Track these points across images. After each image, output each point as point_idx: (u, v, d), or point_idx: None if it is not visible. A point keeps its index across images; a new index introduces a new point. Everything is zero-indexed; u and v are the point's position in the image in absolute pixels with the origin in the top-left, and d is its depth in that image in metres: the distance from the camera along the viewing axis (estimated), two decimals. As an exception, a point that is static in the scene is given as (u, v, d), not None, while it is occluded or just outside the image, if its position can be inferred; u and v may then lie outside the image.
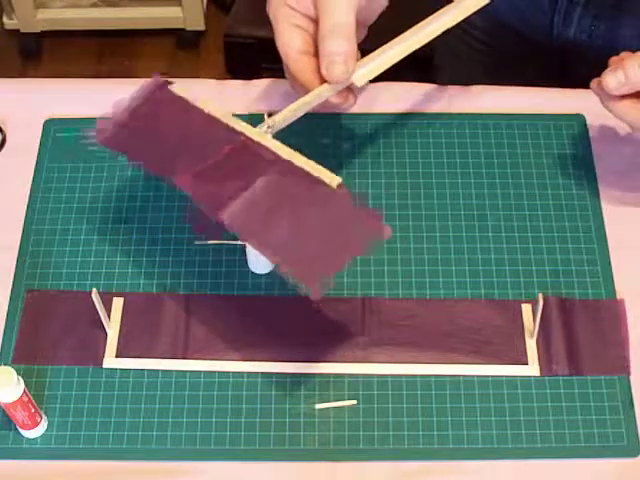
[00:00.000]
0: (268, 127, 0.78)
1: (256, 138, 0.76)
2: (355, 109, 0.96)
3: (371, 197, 0.91)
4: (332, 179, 0.72)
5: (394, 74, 0.94)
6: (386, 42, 0.82)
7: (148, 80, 0.81)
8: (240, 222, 0.72)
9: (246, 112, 0.97)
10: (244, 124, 0.77)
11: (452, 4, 0.85)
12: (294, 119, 0.80)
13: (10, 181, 0.93)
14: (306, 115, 0.96)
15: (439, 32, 0.83)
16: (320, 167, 0.73)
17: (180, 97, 0.80)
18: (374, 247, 0.70)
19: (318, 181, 0.72)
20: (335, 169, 0.92)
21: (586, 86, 0.85)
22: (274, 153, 0.74)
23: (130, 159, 0.83)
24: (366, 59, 0.81)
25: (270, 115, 0.79)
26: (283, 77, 1.00)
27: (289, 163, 0.74)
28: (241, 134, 0.76)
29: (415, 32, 0.83)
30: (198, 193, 0.74)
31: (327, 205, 0.72)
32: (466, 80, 1.00)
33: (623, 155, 0.94)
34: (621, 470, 0.78)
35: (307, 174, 0.73)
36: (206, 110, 0.78)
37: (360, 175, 0.92)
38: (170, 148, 0.78)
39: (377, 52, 0.82)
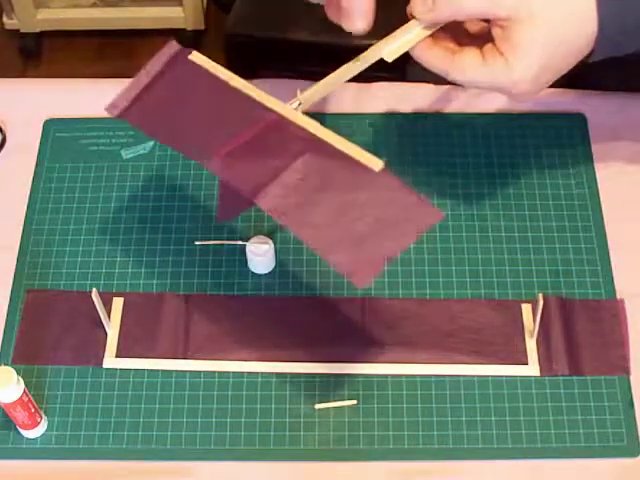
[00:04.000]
0: (299, 103, 0.74)
1: (288, 115, 0.71)
2: (355, 109, 0.96)
3: (371, 197, 0.91)
4: (374, 162, 0.68)
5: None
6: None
7: (163, 49, 0.77)
8: (279, 205, 0.68)
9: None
10: (273, 99, 0.72)
11: None
12: (325, 94, 0.76)
13: (10, 181, 0.93)
14: (305, 115, 0.96)
15: None
16: (359, 149, 0.68)
17: (200, 67, 0.75)
18: (425, 233, 0.67)
19: (359, 164, 0.68)
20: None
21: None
22: (309, 132, 0.70)
23: (147, 134, 0.80)
24: (397, 33, 0.76)
25: (302, 91, 0.75)
26: (283, 77, 1.01)
27: (326, 144, 0.69)
28: (272, 111, 0.71)
29: None
30: (231, 176, 0.70)
31: (372, 189, 0.68)
32: None
33: (623, 155, 0.94)
34: (621, 470, 0.78)
35: (347, 156, 0.68)
36: (231, 83, 0.73)
37: (360, 175, 0.92)
38: (193, 124, 0.74)
39: (406, 27, 0.76)
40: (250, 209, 0.90)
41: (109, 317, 0.84)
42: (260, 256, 0.85)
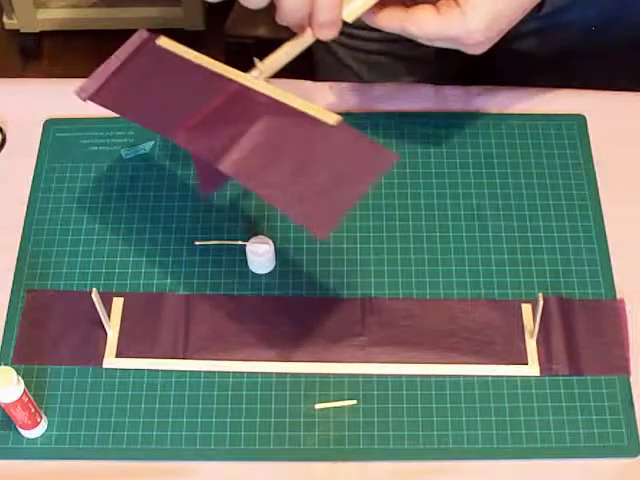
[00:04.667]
0: (260, 72, 0.76)
1: (249, 84, 0.74)
2: (354, 109, 0.96)
3: (371, 197, 0.91)
4: (331, 117, 0.70)
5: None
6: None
7: (134, 36, 0.80)
8: (241, 169, 0.70)
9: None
10: (235, 71, 0.75)
11: None
12: (286, 62, 0.78)
13: (10, 181, 0.93)
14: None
15: None
16: (317, 106, 0.71)
17: (167, 50, 0.78)
18: (382, 177, 0.68)
19: (316, 120, 0.70)
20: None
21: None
22: (268, 97, 0.73)
23: (117, 113, 0.82)
24: None
25: (261, 60, 0.77)
26: (283, 77, 1.00)
27: (284, 105, 0.72)
28: (233, 82, 0.75)
29: None
30: (195, 146, 0.73)
31: (329, 143, 0.70)
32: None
33: (623, 155, 0.94)
34: (621, 470, 0.78)
35: (304, 114, 0.71)
36: (196, 61, 0.77)
37: (360, 175, 0.92)
38: (160, 101, 0.77)
39: None
40: (250, 209, 0.90)
41: (109, 317, 0.84)
42: (260, 256, 0.85)
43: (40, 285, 0.87)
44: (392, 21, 0.78)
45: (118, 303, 0.85)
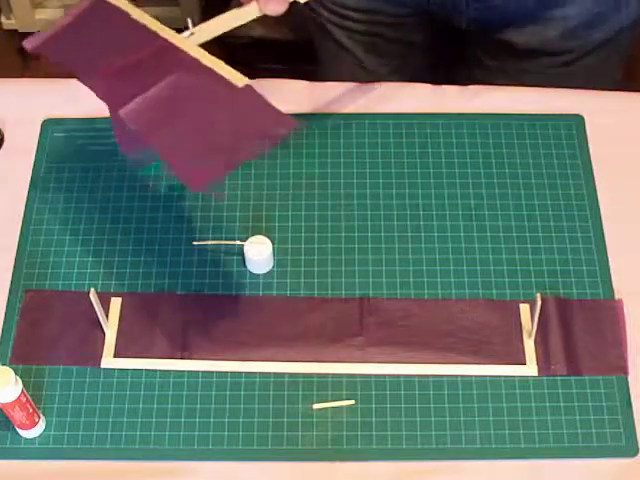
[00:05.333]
0: (191, 34, 0.77)
1: (175, 42, 0.75)
2: (353, 109, 0.96)
3: (369, 197, 0.91)
4: (240, 79, 0.71)
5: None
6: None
7: None
8: (138, 118, 0.72)
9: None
10: (169, 30, 0.77)
11: None
12: (223, 31, 0.79)
13: (8, 181, 0.93)
14: (301, 116, 0.96)
15: None
16: (230, 68, 0.72)
17: (114, 5, 0.79)
18: (279, 142, 0.70)
19: (224, 80, 0.72)
20: (333, 169, 0.93)
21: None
22: (189, 56, 0.74)
23: (53, 61, 0.82)
24: None
25: (195, 24, 0.78)
26: (283, 77, 1.01)
27: (199, 63, 0.73)
28: (162, 39, 0.76)
29: None
30: (105, 92, 0.74)
31: (231, 103, 0.71)
32: None
33: (621, 155, 0.94)
34: (619, 470, 0.78)
35: (216, 74, 0.72)
36: (135, 16, 0.78)
37: (358, 175, 0.92)
38: (93, 52, 0.78)
39: None
40: (248, 209, 0.90)
41: (107, 317, 0.84)
42: (258, 256, 0.85)
43: (38, 285, 0.87)
44: None
45: (116, 303, 0.85)
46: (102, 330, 0.83)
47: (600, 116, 0.96)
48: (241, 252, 0.86)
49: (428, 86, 0.99)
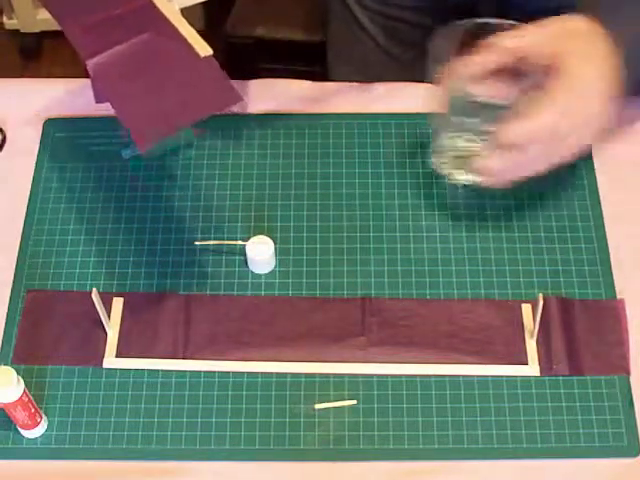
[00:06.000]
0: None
1: (157, 3, 0.78)
2: (355, 109, 0.96)
3: (371, 197, 0.91)
4: (203, 49, 0.75)
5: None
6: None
7: None
8: (102, 72, 0.75)
9: (246, 112, 0.97)
10: None
11: None
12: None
13: (10, 181, 0.93)
14: (298, 115, 0.96)
15: None
16: (200, 38, 0.76)
17: None
18: (222, 109, 0.75)
19: (189, 47, 0.75)
20: (335, 169, 0.93)
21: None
22: (163, 16, 0.77)
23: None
24: None
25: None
26: (283, 77, 1.01)
27: (170, 26, 0.77)
28: None
29: None
30: (80, 41, 0.77)
31: (189, 70, 0.75)
32: None
33: (622, 155, 0.94)
34: (621, 470, 0.78)
35: (183, 40, 0.76)
36: None
37: (360, 175, 0.92)
38: (76, 2, 0.81)
39: None
40: (250, 209, 0.90)
41: (109, 317, 0.84)
42: (260, 256, 0.85)
43: (40, 285, 0.87)
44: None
45: (118, 303, 0.85)
46: (104, 330, 0.83)
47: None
48: (243, 252, 0.86)
49: (429, 85, 0.98)
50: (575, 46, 0.80)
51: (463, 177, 0.87)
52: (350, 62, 0.99)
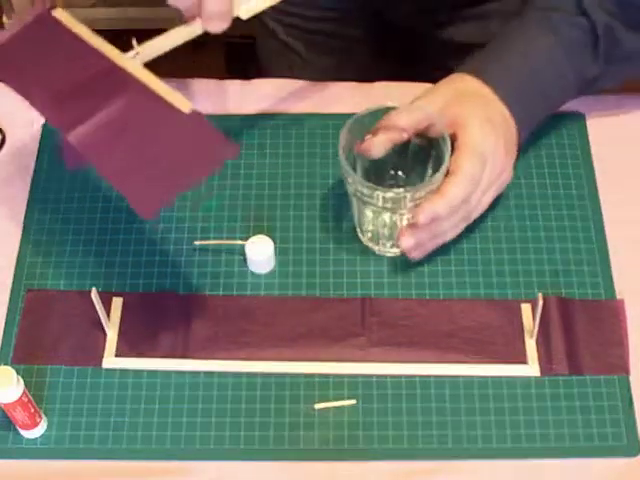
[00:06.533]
0: (137, 53, 0.77)
1: (121, 64, 0.75)
2: (354, 109, 0.96)
3: (370, 197, 0.91)
4: (184, 105, 0.72)
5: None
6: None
7: (30, 9, 0.82)
8: (85, 143, 0.71)
9: (245, 112, 0.97)
10: (114, 50, 0.76)
11: None
12: (167, 49, 0.79)
13: (10, 182, 0.93)
14: (298, 115, 0.96)
15: None
16: (176, 93, 0.73)
17: (60, 22, 0.79)
18: (219, 168, 0.73)
19: (170, 105, 0.72)
20: (335, 169, 0.93)
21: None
22: (135, 78, 0.74)
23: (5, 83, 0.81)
24: None
25: (139, 43, 0.78)
26: (283, 77, 1.00)
27: (144, 87, 0.73)
28: (108, 59, 0.76)
29: None
30: (52, 117, 0.75)
31: (176, 128, 0.72)
32: None
33: (622, 154, 0.94)
34: (621, 470, 0.78)
35: (161, 99, 0.72)
36: (80, 35, 0.78)
37: (359, 175, 0.92)
38: (37, 70, 0.77)
39: None
40: (249, 209, 0.90)
41: (108, 317, 0.84)
42: (259, 256, 0.85)
43: (40, 285, 0.87)
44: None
45: (117, 303, 0.85)
46: (103, 330, 0.83)
47: (601, 114, 0.96)
48: (242, 252, 0.86)
49: (428, 85, 0.98)
50: (470, 108, 0.84)
51: (392, 250, 0.87)
52: (278, 74, 1.01)
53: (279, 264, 0.87)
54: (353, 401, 0.80)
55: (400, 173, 0.88)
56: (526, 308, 0.84)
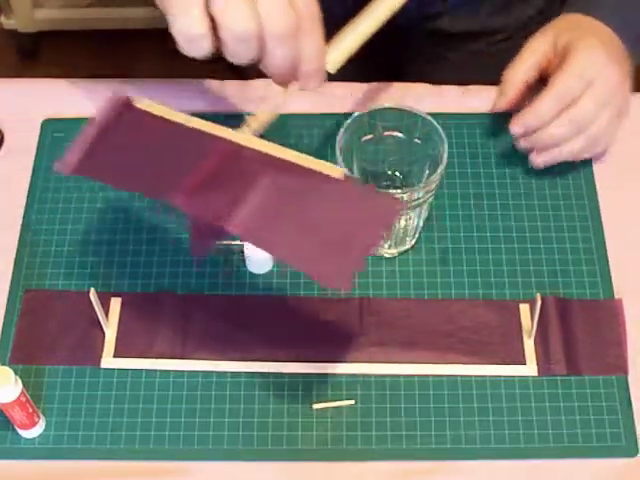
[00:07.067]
0: (249, 127, 0.74)
1: (242, 142, 0.72)
2: (355, 109, 0.96)
3: (369, 197, 0.91)
4: (334, 170, 0.69)
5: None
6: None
7: (109, 99, 0.76)
8: (249, 229, 0.69)
9: (244, 111, 0.97)
10: (224, 128, 0.72)
11: None
12: (275, 116, 0.76)
13: (8, 181, 0.93)
14: (298, 115, 0.96)
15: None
16: (318, 160, 0.70)
17: (147, 112, 0.74)
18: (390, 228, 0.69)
19: (320, 174, 0.69)
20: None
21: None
22: (265, 153, 0.71)
23: (108, 184, 0.80)
24: (336, 41, 0.77)
25: (249, 114, 0.75)
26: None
27: (284, 161, 0.70)
28: (224, 140, 0.72)
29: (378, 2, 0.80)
30: (197, 210, 0.71)
31: (336, 196, 0.69)
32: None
33: (621, 155, 0.94)
34: (619, 470, 0.78)
35: (306, 169, 0.69)
36: (179, 121, 0.73)
37: (358, 175, 0.92)
38: (149, 166, 0.74)
39: (345, 32, 0.78)
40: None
41: (107, 317, 0.84)
42: (258, 256, 0.85)
43: (38, 285, 0.87)
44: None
45: (116, 303, 0.85)
46: (102, 330, 0.83)
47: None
48: (241, 252, 0.86)
49: (428, 86, 0.99)
50: (580, 34, 0.87)
51: (390, 250, 0.87)
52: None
53: (277, 264, 0.87)
54: (351, 401, 0.80)
55: (397, 174, 0.88)
56: (524, 308, 0.84)
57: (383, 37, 0.80)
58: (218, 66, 0.95)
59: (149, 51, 2.07)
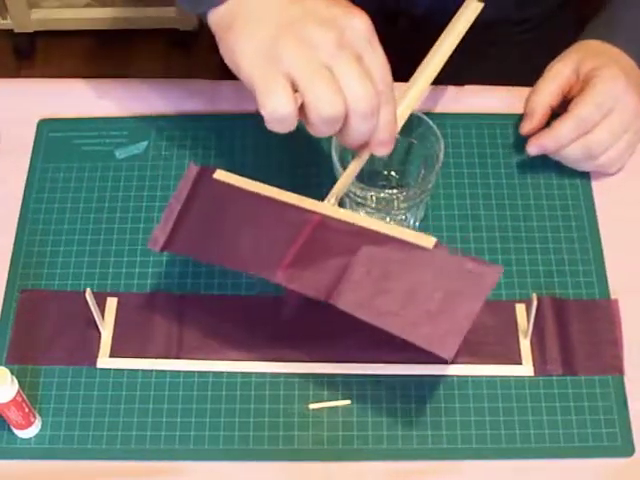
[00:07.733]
0: (335, 198, 0.76)
1: (328, 213, 0.74)
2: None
3: (365, 197, 0.91)
4: (426, 240, 0.71)
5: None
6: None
7: (186, 173, 0.79)
8: (355, 303, 0.71)
9: (242, 112, 0.97)
10: (307, 199, 0.75)
11: (451, 22, 0.86)
12: (350, 182, 0.79)
13: (4, 181, 0.93)
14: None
15: (450, 51, 0.84)
16: (409, 231, 0.72)
17: (227, 183, 0.77)
18: (492, 290, 0.71)
19: (413, 245, 0.72)
20: (327, 170, 0.93)
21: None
22: (356, 225, 0.73)
23: (197, 259, 0.83)
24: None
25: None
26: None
27: (376, 233, 0.73)
28: (312, 212, 0.74)
29: (429, 60, 0.84)
30: (299, 287, 0.73)
31: (431, 265, 0.71)
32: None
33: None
34: (615, 470, 0.78)
35: (400, 240, 0.72)
36: (262, 192, 0.76)
37: (354, 175, 0.92)
38: (241, 240, 0.76)
39: (402, 94, 0.81)
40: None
41: (103, 317, 0.84)
42: (254, 256, 0.85)
43: (34, 285, 0.86)
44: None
45: (112, 303, 0.85)
46: (98, 330, 0.83)
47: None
48: (237, 252, 0.86)
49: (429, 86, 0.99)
50: (603, 61, 0.88)
51: None
52: None
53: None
54: (347, 401, 0.80)
55: (393, 174, 0.88)
56: (520, 308, 0.84)
57: (400, 31, 0.81)
58: (215, 66, 0.95)
59: (145, 51, 2.07)
